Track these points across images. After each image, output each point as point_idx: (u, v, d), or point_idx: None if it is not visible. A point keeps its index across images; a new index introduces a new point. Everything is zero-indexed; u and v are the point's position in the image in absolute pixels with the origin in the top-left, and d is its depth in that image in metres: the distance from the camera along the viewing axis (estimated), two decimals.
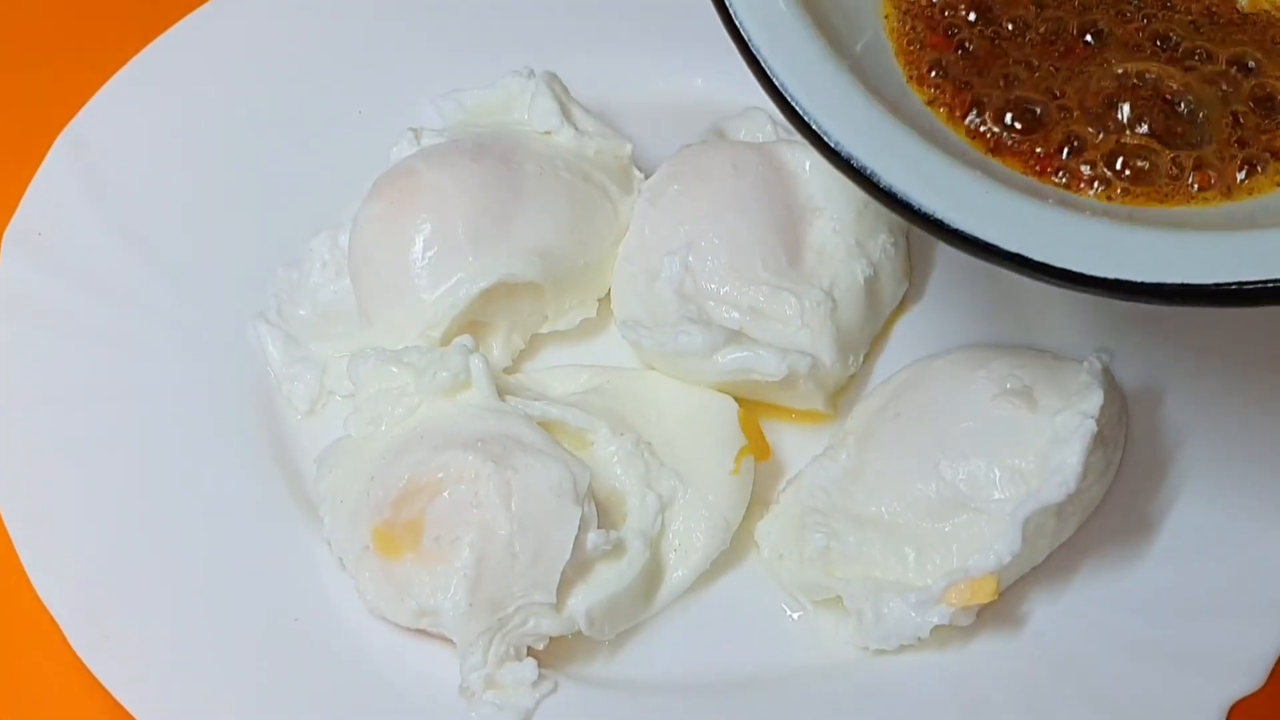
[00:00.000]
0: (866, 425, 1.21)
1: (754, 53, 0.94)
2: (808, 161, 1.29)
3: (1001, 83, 1.03)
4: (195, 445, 1.22)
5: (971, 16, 1.05)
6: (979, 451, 1.13)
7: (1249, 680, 1.09)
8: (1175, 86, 1.01)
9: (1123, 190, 0.97)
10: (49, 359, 1.23)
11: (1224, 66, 1.03)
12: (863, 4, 1.06)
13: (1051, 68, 1.04)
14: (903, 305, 1.32)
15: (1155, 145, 0.99)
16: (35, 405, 1.21)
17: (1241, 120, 1.00)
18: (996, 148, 1.00)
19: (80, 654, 1.10)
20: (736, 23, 0.94)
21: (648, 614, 1.18)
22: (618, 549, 1.15)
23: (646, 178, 1.32)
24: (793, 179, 1.29)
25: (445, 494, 1.12)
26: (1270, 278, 0.83)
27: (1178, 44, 1.04)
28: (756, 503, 1.22)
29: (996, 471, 1.12)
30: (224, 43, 1.41)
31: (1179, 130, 1.00)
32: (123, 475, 1.19)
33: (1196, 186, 0.98)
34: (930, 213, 0.88)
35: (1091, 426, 1.10)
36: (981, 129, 1.01)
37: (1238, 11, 1.06)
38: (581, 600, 1.13)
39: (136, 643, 1.12)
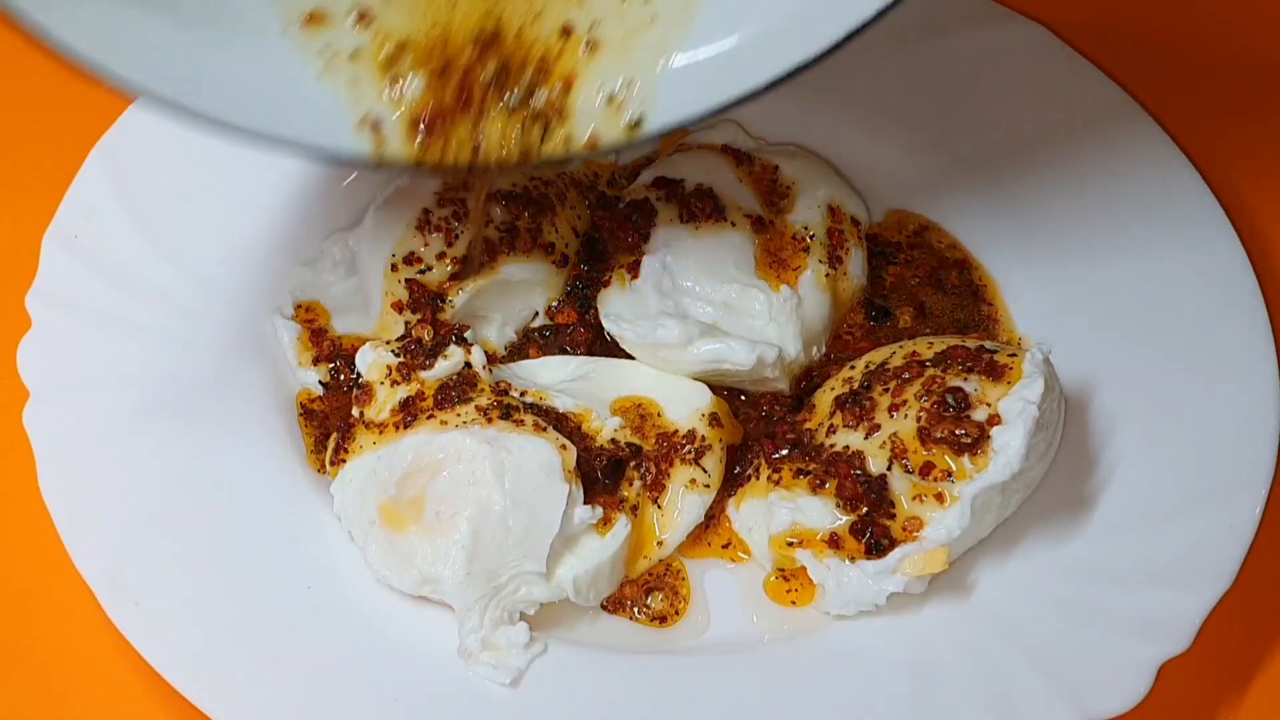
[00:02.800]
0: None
1: None
2: (778, 165, 1.30)
3: None
4: (217, 428, 1.23)
5: None
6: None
7: (1178, 642, 1.10)
8: None
9: None
10: (84, 349, 1.24)
11: None
12: None
13: None
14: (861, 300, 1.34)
15: None
16: (72, 391, 1.21)
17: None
18: None
19: (113, 618, 1.11)
20: None
21: (631, 581, 1.20)
22: (603, 522, 1.17)
23: (630, 185, 1.33)
24: (761, 182, 1.30)
25: (445, 473, 1.14)
26: None
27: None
28: (729, 481, 1.24)
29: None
30: None
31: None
32: (151, 455, 1.20)
33: None
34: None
35: (1033, 412, 1.11)
36: None
37: None
38: (569, 569, 1.15)
39: (164, 608, 1.12)
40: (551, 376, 1.26)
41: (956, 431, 1.12)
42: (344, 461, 1.19)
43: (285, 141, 0.95)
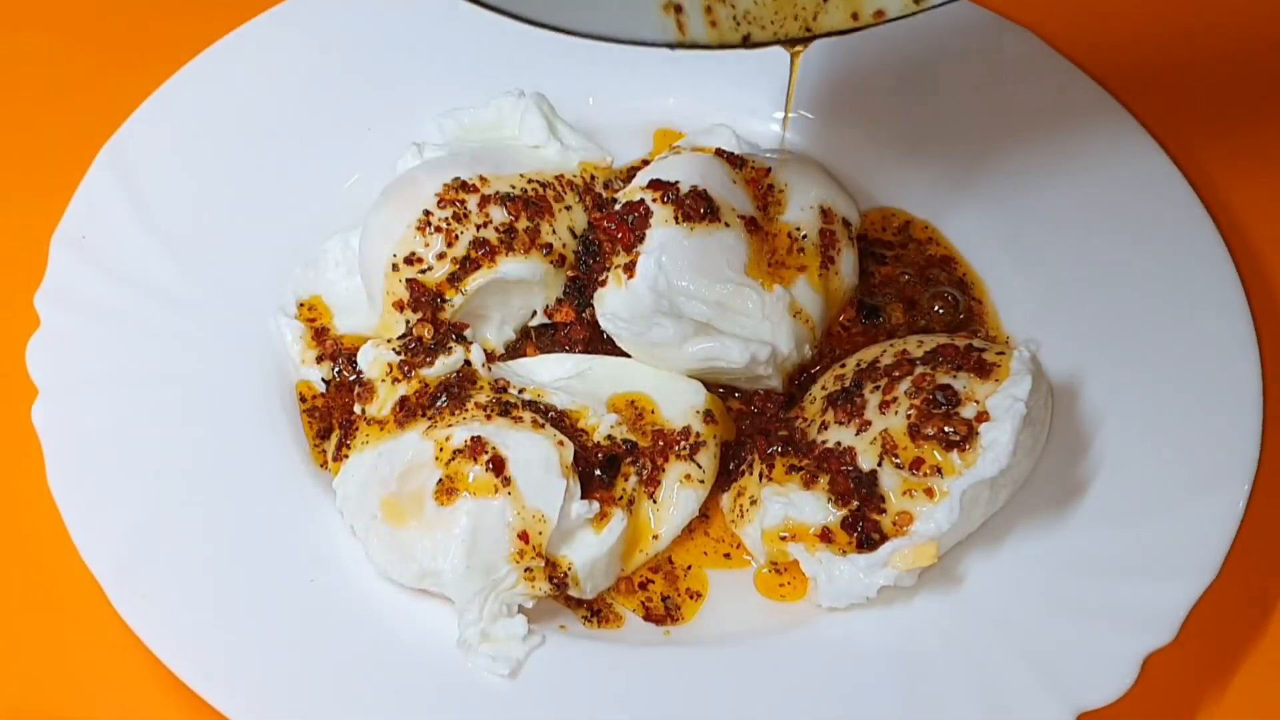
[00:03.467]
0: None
1: None
2: (771, 168, 1.31)
3: None
4: (223, 424, 1.23)
5: None
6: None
7: (1163, 634, 1.11)
8: None
9: None
10: (92, 348, 1.24)
11: None
12: None
13: None
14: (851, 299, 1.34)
15: None
16: (80, 388, 1.22)
17: None
18: None
19: (119, 610, 1.11)
20: None
21: (627, 574, 1.20)
22: (600, 516, 1.17)
23: (626, 186, 1.33)
24: (755, 185, 1.31)
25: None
26: None
27: None
28: (723, 477, 1.25)
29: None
30: (248, 68, 1.43)
31: None
32: (158, 451, 1.20)
33: None
34: None
35: (1021, 409, 1.12)
36: None
37: None
38: (567, 563, 1.15)
39: (170, 601, 1.13)
40: (549, 374, 1.27)
41: (946, 428, 1.13)
42: (346, 457, 1.20)
43: (596, 36, 0.99)
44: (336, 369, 1.29)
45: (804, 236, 1.29)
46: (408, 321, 1.25)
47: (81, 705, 1.18)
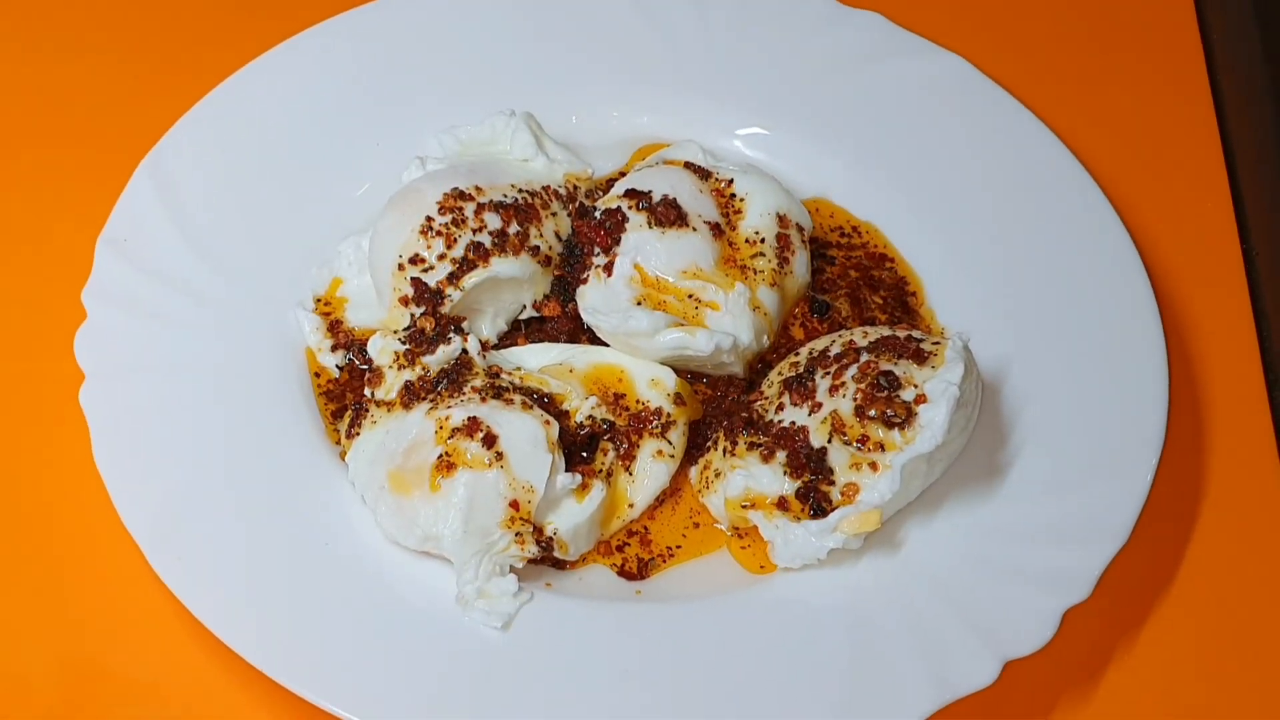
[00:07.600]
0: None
1: None
2: (734, 179, 1.32)
3: None
4: (249, 406, 1.25)
5: None
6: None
7: (1079, 592, 1.13)
8: None
9: None
10: (134, 339, 1.26)
11: None
12: None
13: None
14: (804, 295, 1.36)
15: None
16: (123, 374, 1.24)
17: None
18: None
19: (157, 571, 1.13)
20: None
21: (605, 539, 1.22)
22: (582, 487, 1.19)
23: (604, 195, 1.35)
24: (719, 194, 1.32)
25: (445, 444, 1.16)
26: None
27: None
28: (692, 448, 1.27)
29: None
30: (271, 90, 1.44)
31: None
32: (191, 430, 1.22)
33: None
34: None
35: (955, 392, 1.14)
36: None
37: None
38: (552, 529, 1.17)
39: (202, 563, 1.15)
40: (537, 361, 1.28)
41: (887, 410, 1.15)
42: (357, 435, 1.22)
43: None
44: (349, 357, 1.31)
45: (762, 240, 1.30)
46: (412, 315, 1.27)
47: (123, 656, 1.20)
